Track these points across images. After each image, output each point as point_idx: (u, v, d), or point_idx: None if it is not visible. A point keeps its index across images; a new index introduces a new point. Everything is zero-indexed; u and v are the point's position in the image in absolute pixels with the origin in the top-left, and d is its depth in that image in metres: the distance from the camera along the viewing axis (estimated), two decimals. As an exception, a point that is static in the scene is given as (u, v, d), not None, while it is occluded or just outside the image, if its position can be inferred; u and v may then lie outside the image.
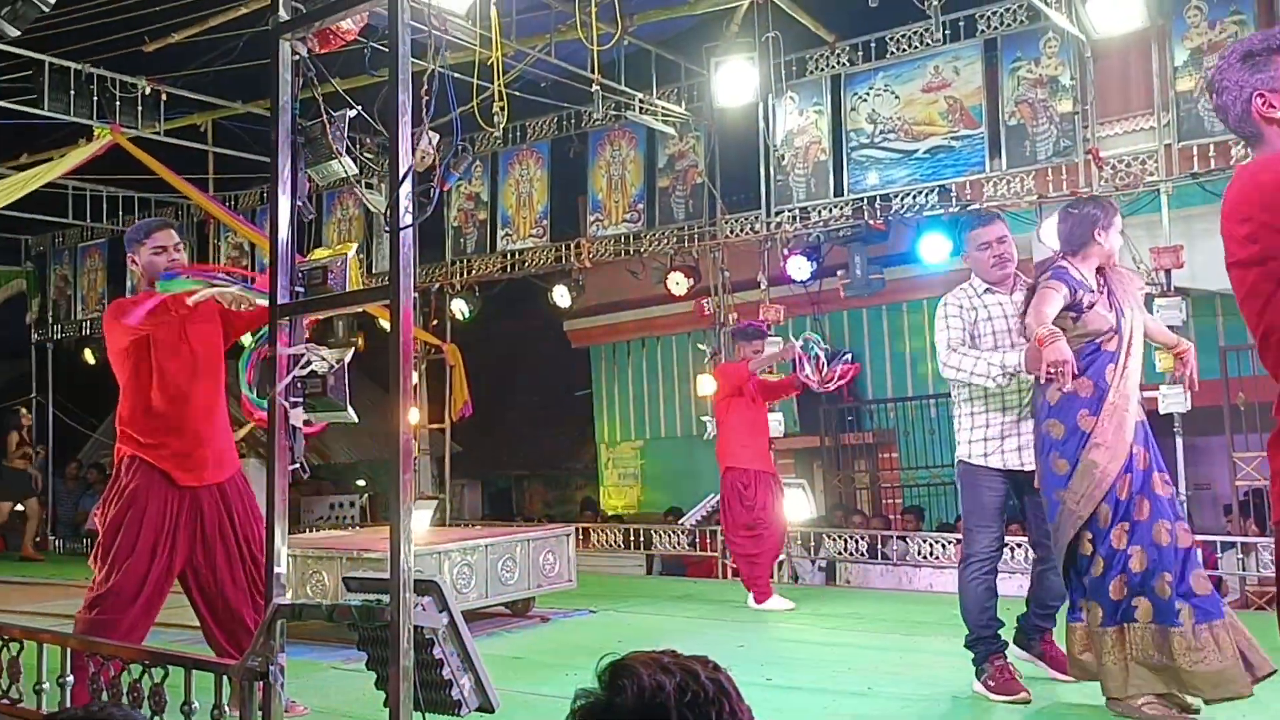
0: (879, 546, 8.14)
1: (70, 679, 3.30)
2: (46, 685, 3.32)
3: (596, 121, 9.35)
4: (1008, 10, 7.66)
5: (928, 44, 7.96)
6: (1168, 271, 6.82)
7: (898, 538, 8.25)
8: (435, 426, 10.53)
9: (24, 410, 11.59)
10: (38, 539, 11.45)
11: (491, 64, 6.87)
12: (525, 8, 7.99)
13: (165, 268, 4.01)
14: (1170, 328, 6.77)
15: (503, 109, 7.22)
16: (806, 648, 5.63)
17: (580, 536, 8.45)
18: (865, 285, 8.86)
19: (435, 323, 10.47)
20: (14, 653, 3.47)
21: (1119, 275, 4.03)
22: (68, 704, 3.26)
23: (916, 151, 7.99)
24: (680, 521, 9.48)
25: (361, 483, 13.55)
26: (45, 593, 7.99)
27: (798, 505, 8.15)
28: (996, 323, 4.22)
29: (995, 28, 7.72)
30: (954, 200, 7.85)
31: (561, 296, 10.21)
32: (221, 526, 4.01)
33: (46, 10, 3.78)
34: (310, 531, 9.79)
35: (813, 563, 8.46)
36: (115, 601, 3.79)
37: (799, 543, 8.29)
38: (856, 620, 6.43)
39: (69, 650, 3.31)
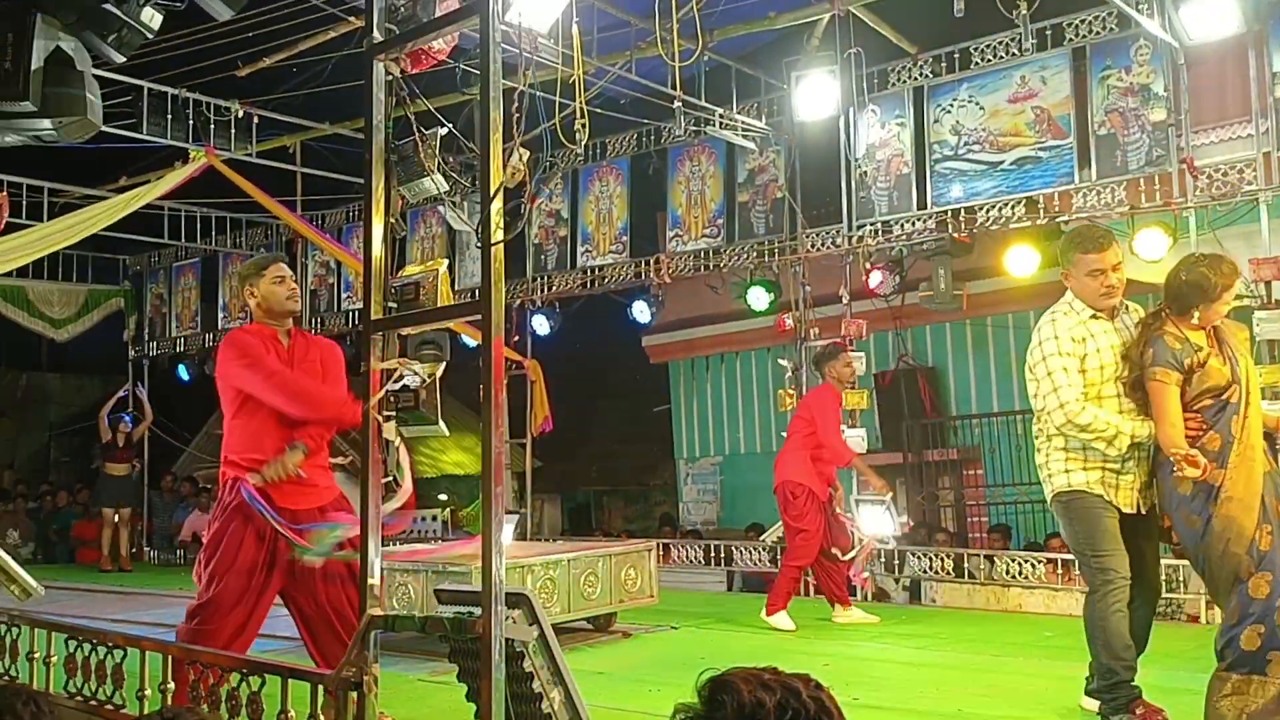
0: (965, 565, 7.97)
1: (171, 685, 3.39)
2: (148, 692, 3.41)
3: (676, 137, 9.37)
4: (1096, 18, 7.51)
5: (1013, 54, 7.83)
6: (1268, 284, 6.59)
7: (984, 556, 8.08)
8: (516, 442, 10.61)
9: (124, 418, 11.97)
10: (134, 549, 11.77)
11: (571, 81, 6.93)
12: (606, 25, 8.05)
13: (285, 296, 4.15)
14: (1270, 341, 6.62)
15: (584, 126, 7.27)
16: (892, 667, 5.54)
17: (660, 552, 8.43)
18: (949, 299, 8.72)
19: (516, 339, 10.57)
20: (117, 659, 3.57)
21: (1226, 326, 3.92)
22: (168, 710, 3.34)
23: (1002, 163, 7.86)
24: (761, 538, 9.41)
25: (443, 497, 13.69)
26: (141, 602, 8.23)
27: (881, 522, 8.03)
28: (1104, 355, 3.97)
29: (1084, 36, 7.57)
30: (1041, 212, 7.70)
31: (641, 312, 10.23)
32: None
33: (150, 36, 3.90)
34: (394, 545, 9.92)
35: (896, 581, 8.33)
36: (214, 612, 3.87)
37: (882, 561, 8.16)
38: (943, 640, 6.31)
39: (170, 657, 3.39)
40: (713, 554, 9.40)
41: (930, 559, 8.13)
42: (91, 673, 3.64)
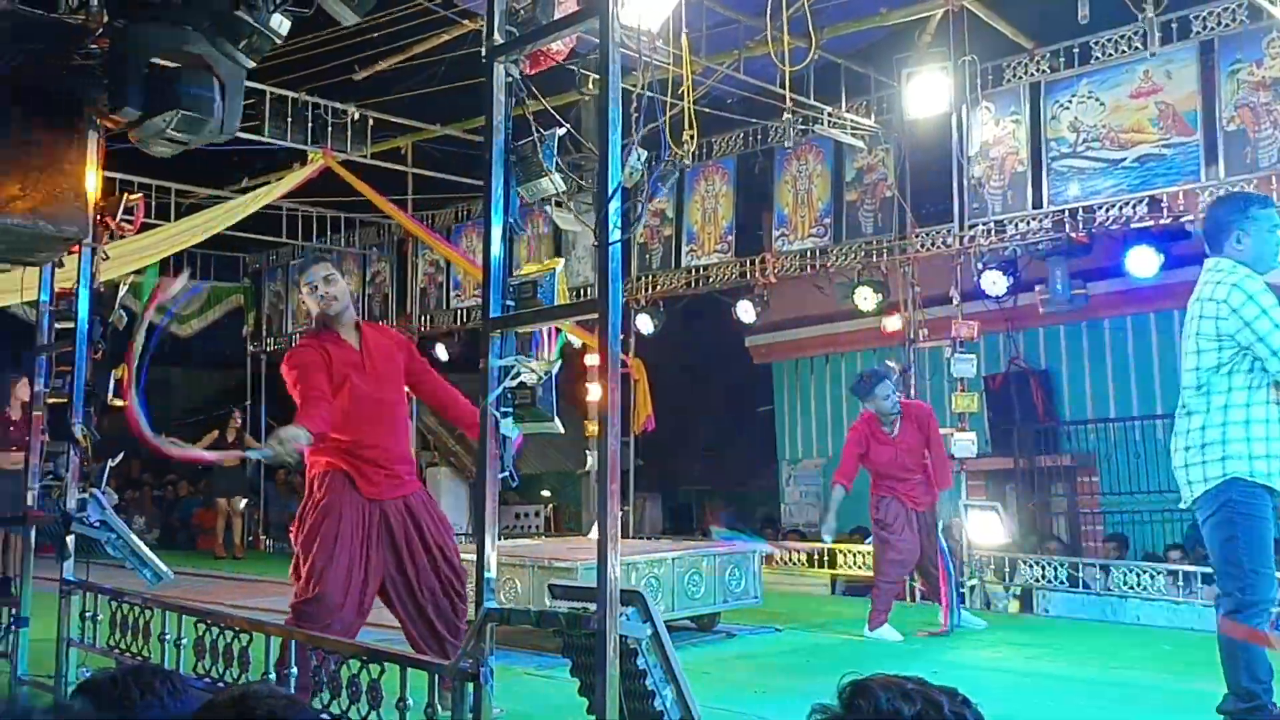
0: (1079, 575, 7.75)
1: (294, 670, 3.50)
2: (272, 676, 3.52)
3: (783, 136, 9.31)
4: (1225, 10, 7.22)
5: (1136, 48, 7.58)
6: None
7: (1100, 566, 7.84)
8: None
9: (236, 412, 12.41)
10: (250, 537, 12.19)
11: (678, 81, 6.94)
12: (715, 24, 8.04)
13: (315, 305, 4.30)
14: None
15: (692, 128, 7.27)
16: (1004, 677, 5.41)
17: (764, 553, 8.38)
18: (1066, 301, 8.49)
19: (621, 337, 10.62)
20: (243, 643, 3.70)
21: None
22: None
23: (1124, 160, 7.61)
24: (866, 541, 9.28)
25: (546, 493, 13.85)
26: (257, 589, 8.52)
27: (990, 529, 7.86)
28: None
29: (1212, 29, 7.28)
30: (1165, 211, 7.43)
31: (745, 312, 10.18)
32: (409, 538, 4.17)
33: (279, 42, 4.02)
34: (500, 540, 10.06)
35: (1006, 589, 8.13)
36: (320, 609, 3.95)
37: (992, 568, 7.98)
38: (1057, 651, 6.15)
39: (293, 643, 3.50)
40: (816, 557, 9.31)
41: (1043, 568, 7.92)
42: (219, 655, 3.78)
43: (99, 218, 4.59)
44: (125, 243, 6.60)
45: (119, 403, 4.68)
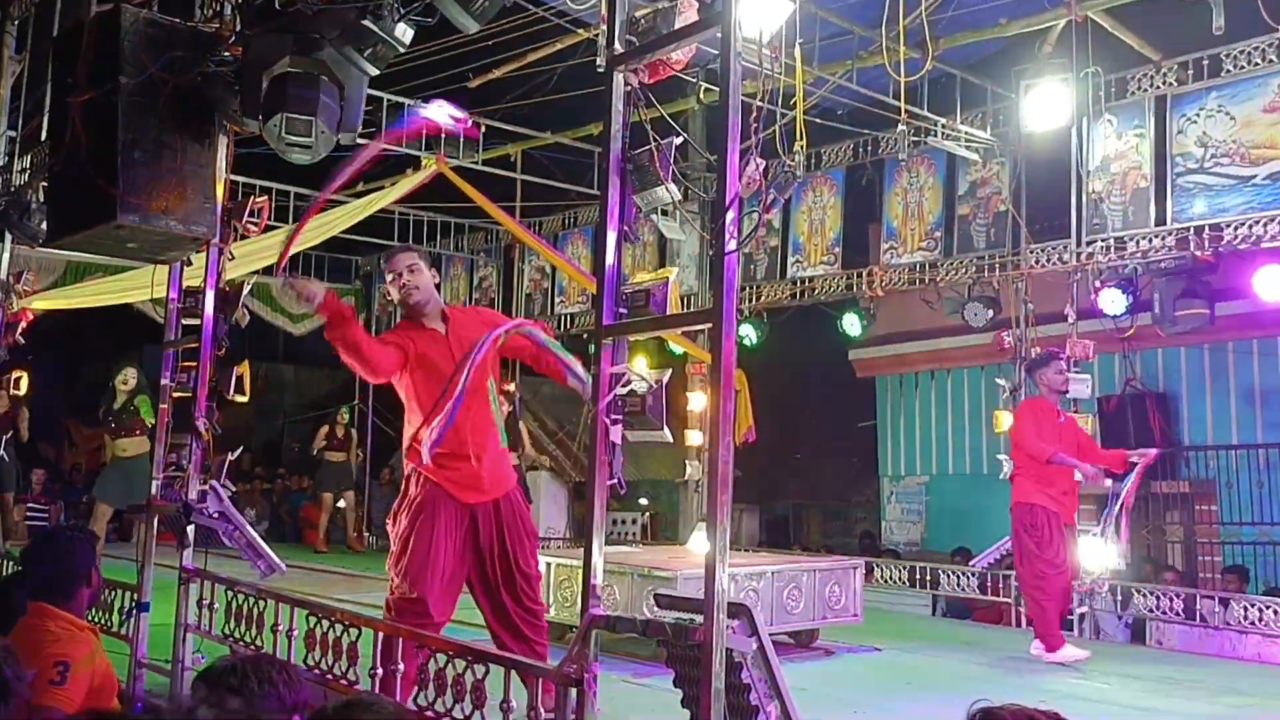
0: (1196, 607, 7.44)
1: (400, 666, 3.56)
2: (379, 671, 3.59)
3: (895, 148, 9.17)
4: (1370, 21, 6.88)
5: (1271, 60, 7.27)
6: None
7: (1219, 599, 7.52)
8: (718, 450, 10.60)
9: (343, 410, 12.74)
10: (355, 532, 12.51)
11: (789, 91, 6.89)
12: (829, 34, 7.98)
13: (397, 294, 4.38)
14: None
15: (802, 138, 7.22)
16: (1115, 710, 5.23)
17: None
18: (1187, 321, 8.17)
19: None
20: (353, 637, 3.78)
21: None
22: (397, 690, 3.51)
23: (1255, 177, 7.30)
24: (971, 563, 9.07)
25: (644, 501, 13.87)
26: (363, 584, 8.71)
27: (1102, 555, 7.60)
28: None
29: (1355, 40, 6.95)
30: (1299, 231, 7.11)
31: (851, 325, 10.08)
32: (491, 542, 4.20)
33: (402, 50, 4.11)
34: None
35: (1119, 618, 7.86)
36: (419, 609, 4.02)
37: (1104, 596, 7.72)
38: (1171, 685, 5.91)
39: (400, 640, 3.57)
40: (917, 576, 9.13)
41: (1158, 598, 7.63)
42: (329, 648, 3.87)
43: (226, 219, 4.75)
44: (248, 243, 6.81)
45: (239, 398, 4.84)
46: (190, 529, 4.62)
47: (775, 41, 6.47)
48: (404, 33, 4.12)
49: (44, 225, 5.99)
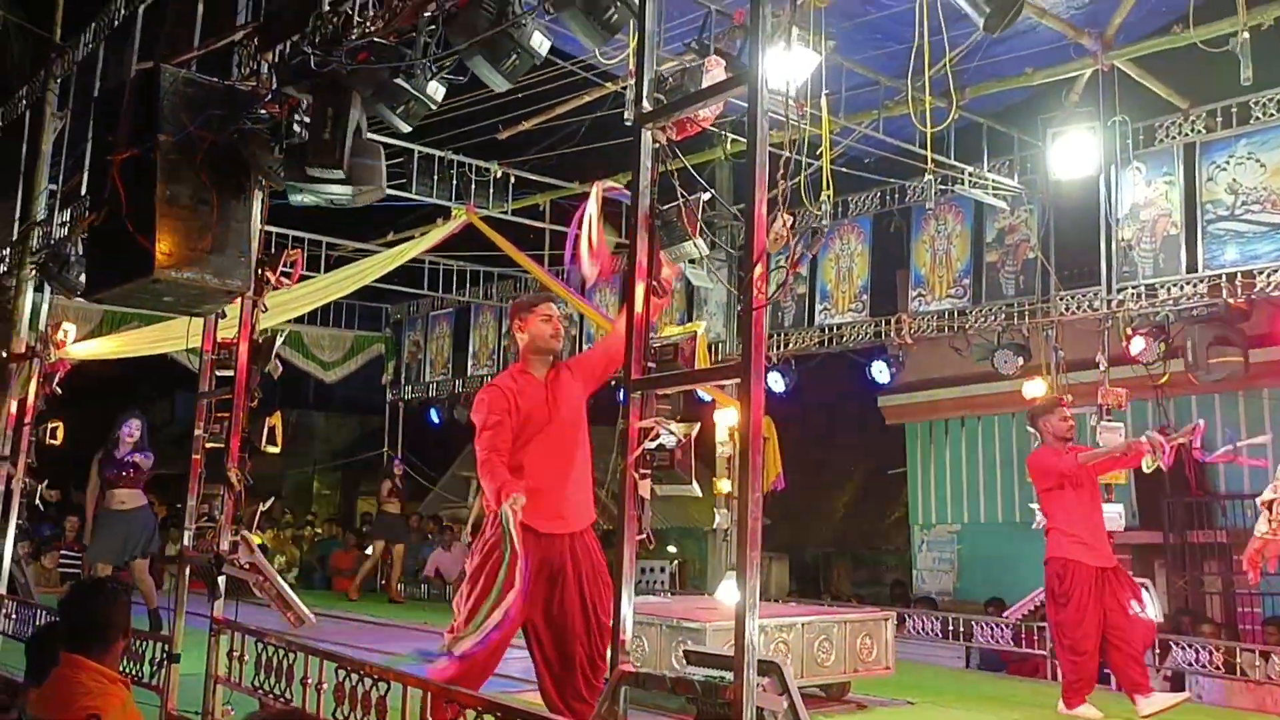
0: (1237, 660, 7.28)
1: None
2: (410, 726, 3.58)
3: (922, 195, 9.19)
4: (1401, 67, 6.86)
5: (1300, 107, 7.26)
6: None
7: (1260, 652, 7.36)
8: (748, 498, 10.54)
9: (398, 460, 12.80)
10: (398, 583, 12.50)
11: (815, 140, 6.94)
12: (855, 84, 8.03)
13: (550, 334, 4.30)
14: None
15: (829, 187, 7.25)
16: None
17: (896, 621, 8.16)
18: (1221, 369, 8.09)
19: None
20: (381, 691, 3.77)
21: None
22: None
23: (1286, 224, 7.26)
24: (1005, 615, 8.94)
25: (672, 549, 13.80)
26: (393, 633, 8.69)
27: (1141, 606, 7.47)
28: None
29: (1385, 87, 6.93)
30: (1331, 277, 7.04)
31: (880, 372, 10.04)
32: (566, 579, 4.11)
33: (434, 107, 4.20)
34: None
35: (1157, 670, 7.70)
36: (482, 651, 3.95)
37: (1156, 650, 7.56)
38: (1211, 741, 5.78)
39: (429, 694, 3.56)
40: (950, 627, 9.00)
41: (1197, 650, 7.48)
42: (358, 702, 3.86)
43: (260, 272, 4.83)
44: (280, 294, 6.91)
45: (271, 449, 4.89)
46: (221, 580, 4.65)
47: (802, 92, 6.54)
48: (435, 90, 4.21)
49: (82, 278, 6.11)
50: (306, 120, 4.17)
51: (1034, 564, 7.13)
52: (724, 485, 10.00)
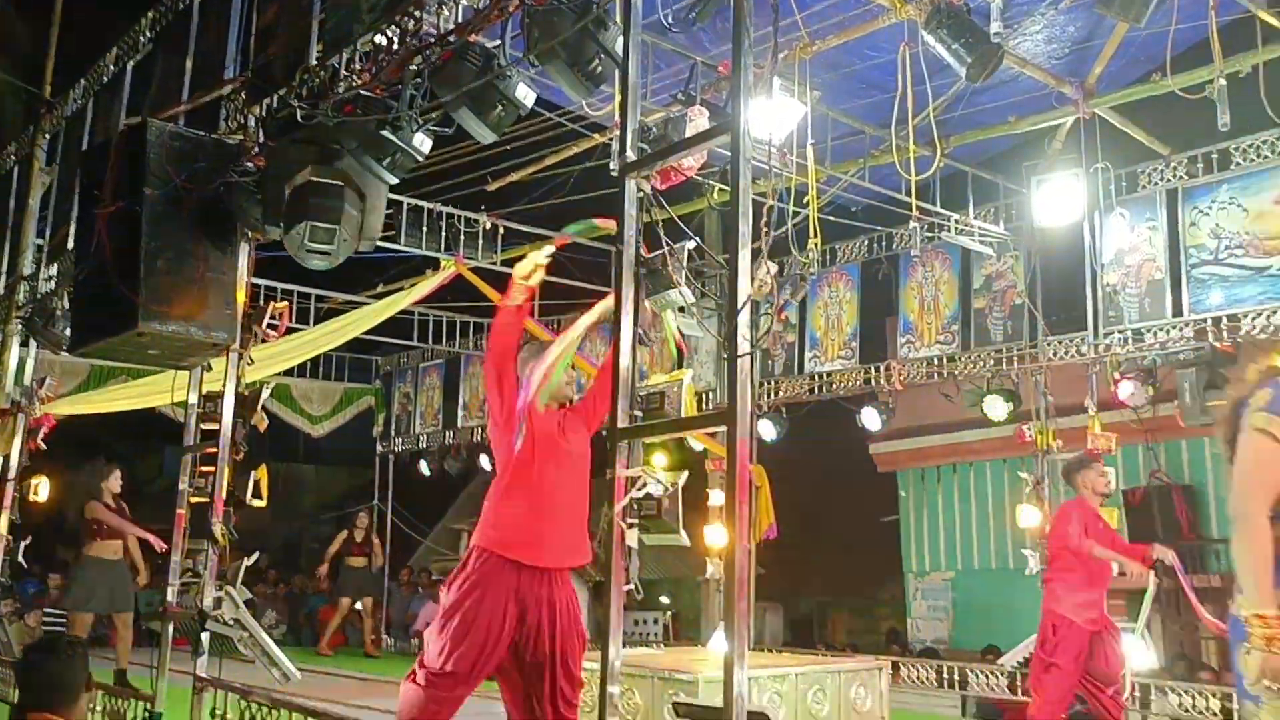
0: (1235, 707, 7.21)
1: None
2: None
3: (909, 243, 9.25)
4: (1377, 113, 6.94)
5: (1279, 153, 7.35)
6: None
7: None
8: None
9: (361, 514, 12.66)
10: (373, 637, 12.34)
11: (802, 189, 6.99)
12: (840, 134, 8.11)
13: (565, 383, 4.23)
14: None
15: (816, 235, 7.29)
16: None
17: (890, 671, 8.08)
18: (1209, 412, 8.09)
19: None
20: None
21: None
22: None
23: (1269, 268, 7.31)
24: (999, 662, 8.86)
25: (664, 599, 13.68)
26: (378, 689, 8.56)
27: (1137, 653, 7.41)
28: None
29: (1363, 132, 7.02)
30: (1316, 320, 7.08)
31: (870, 419, 10.02)
32: (539, 622, 4.01)
33: (420, 160, 4.21)
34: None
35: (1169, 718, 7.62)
36: (451, 683, 3.92)
37: (1137, 696, 7.50)
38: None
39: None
40: (945, 675, 8.92)
41: (1193, 697, 7.42)
42: (342, 760, 3.79)
43: (246, 324, 4.82)
44: (268, 347, 6.89)
45: (256, 502, 4.84)
46: (205, 636, 4.58)
47: (788, 143, 6.60)
48: (422, 142, 4.23)
49: (68, 332, 6.08)
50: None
51: (1029, 610, 7.09)
52: (715, 535, 9.95)
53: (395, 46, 4.28)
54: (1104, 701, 6.18)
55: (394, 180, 4.28)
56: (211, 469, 4.78)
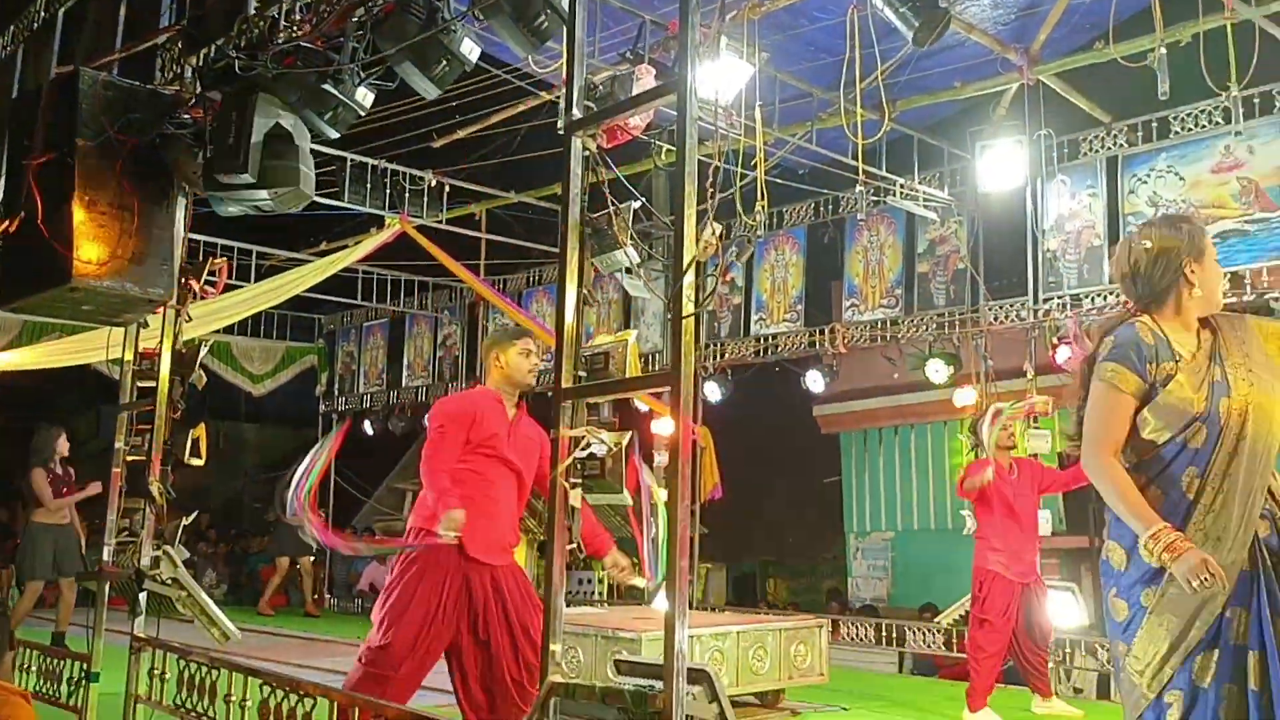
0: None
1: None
2: (335, 741, 3.51)
3: (855, 207, 9.30)
4: (1311, 84, 7.10)
5: (1217, 122, 7.48)
6: None
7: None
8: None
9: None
10: (315, 596, 12.29)
11: (750, 152, 6.98)
12: (788, 96, 8.11)
13: (527, 370, 4.38)
14: None
15: (763, 198, 7.30)
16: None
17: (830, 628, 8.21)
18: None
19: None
20: (308, 708, 3.69)
21: (1230, 324, 2.95)
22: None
23: (1204, 236, 7.46)
24: (936, 619, 9.05)
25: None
26: (320, 649, 8.54)
27: (1068, 610, 7.61)
28: None
29: (1297, 104, 7.16)
30: (1248, 288, 7.25)
31: (814, 382, 10.11)
32: (487, 601, 4.14)
33: (362, 114, 4.14)
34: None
35: (1097, 674, 7.84)
36: (388, 659, 4.02)
37: (1083, 652, 7.70)
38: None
39: (335, 704, 3.50)
40: (883, 633, 9.09)
41: (1121, 653, 7.62)
42: (283, 718, 3.78)
43: (184, 280, 4.72)
44: (207, 303, 6.78)
45: (195, 461, 4.77)
46: (143, 596, 4.52)
47: (736, 104, 6.58)
48: (364, 96, 4.15)
49: (-2, 286, 5.91)
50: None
51: (966, 570, 7.22)
52: (660, 494, 10.01)
53: (337, -3, 4.19)
54: (1029, 657, 6.38)
55: (335, 134, 4.20)
56: (149, 427, 4.69)
